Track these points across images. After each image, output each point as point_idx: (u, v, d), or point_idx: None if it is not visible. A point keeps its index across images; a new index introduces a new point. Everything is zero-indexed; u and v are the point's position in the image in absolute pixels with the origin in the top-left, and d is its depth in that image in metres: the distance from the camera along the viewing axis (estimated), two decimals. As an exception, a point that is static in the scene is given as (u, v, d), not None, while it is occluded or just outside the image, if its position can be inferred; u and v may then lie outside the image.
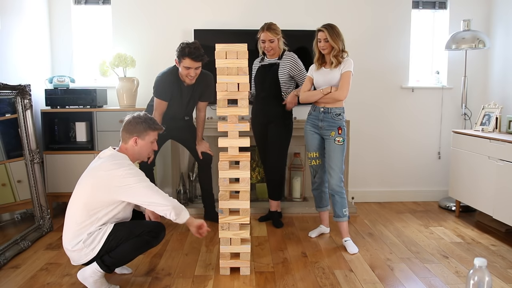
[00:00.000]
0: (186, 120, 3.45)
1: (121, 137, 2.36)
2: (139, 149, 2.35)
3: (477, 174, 3.43)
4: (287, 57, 3.30)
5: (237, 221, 2.53)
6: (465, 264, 2.74)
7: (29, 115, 3.21)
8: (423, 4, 4.16)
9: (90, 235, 2.21)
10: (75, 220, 2.21)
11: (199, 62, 3.07)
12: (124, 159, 2.28)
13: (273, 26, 3.24)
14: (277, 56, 3.32)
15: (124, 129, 2.35)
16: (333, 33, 2.88)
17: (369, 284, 2.45)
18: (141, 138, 2.34)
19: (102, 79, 4.01)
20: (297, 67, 3.30)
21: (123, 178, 2.19)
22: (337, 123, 2.95)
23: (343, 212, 2.98)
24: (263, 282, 2.47)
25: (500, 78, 3.98)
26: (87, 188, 2.22)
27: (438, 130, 4.23)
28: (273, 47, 3.26)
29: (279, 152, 3.39)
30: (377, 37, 4.09)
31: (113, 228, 2.25)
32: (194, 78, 3.14)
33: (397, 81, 4.16)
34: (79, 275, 2.27)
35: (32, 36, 3.66)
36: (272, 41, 3.23)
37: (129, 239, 2.24)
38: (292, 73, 3.29)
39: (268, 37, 3.22)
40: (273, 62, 3.32)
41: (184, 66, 3.06)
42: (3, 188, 2.98)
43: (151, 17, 3.98)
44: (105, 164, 2.23)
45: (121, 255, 2.25)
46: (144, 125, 2.34)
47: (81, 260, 2.24)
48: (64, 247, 2.26)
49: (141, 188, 2.21)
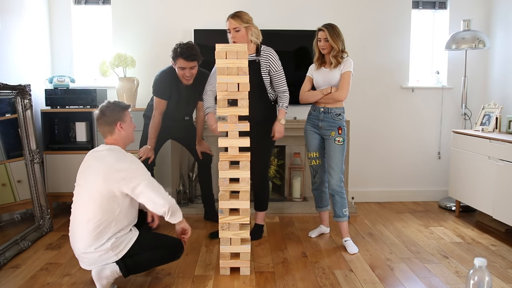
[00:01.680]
0: (186, 120, 3.45)
1: (102, 133, 2.36)
2: (126, 133, 2.36)
3: (477, 174, 3.43)
4: (267, 53, 2.91)
5: (237, 221, 2.53)
6: (465, 264, 2.74)
7: (29, 115, 3.21)
8: (423, 4, 4.16)
9: (118, 239, 2.22)
10: (87, 219, 2.18)
11: (193, 62, 3.04)
12: (121, 151, 2.30)
13: (240, 13, 2.86)
14: (253, 51, 2.92)
15: (101, 123, 2.34)
16: (333, 33, 2.88)
17: (369, 284, 2.45)
18: (122, 121, 2.34)
19: (102, 79, 4.01)
20: (276, 65, 2.93)
21: (128, 170, 2.20)
22: (337, 123, 2.95)
23: (343, 212, 2.98)
24: (263, 282, 2.47)
25: (500, 78, 3.98)
26: (97, 184, 2.19)
27: (438, 130, 4.23)
28: (238, 38, 2.82)
29: (264, 159, 3.05)
30: (377, 37, 4.09)
31: (139, 236, 2.30)
32: (190, 79, 3.13)
33: (397, 81, 4.16)
34: (94, 273, 2.22)
35: (32, 36, 3.66)
36: (237, 30, 2.82)
37: (154, 249, 2.31)
38: (271, 71, 2.93)
39: (233, 25, 2.82)
40: (250, 59, 2.85)
41: (179, 67, 3.06)
42: (3, 188, 2.98)
43: (151, 17, 3.99)
44: (108, 157, 2.24)
45: (145, 262, 2.31)
46: (118, 108, 2.35)
47: (100, 262, 2.22)
48: (81, 248, 2.21)
49: (143, 182, 2.21)
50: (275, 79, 2.95)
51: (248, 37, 2.86)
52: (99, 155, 2.27)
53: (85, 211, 2.21)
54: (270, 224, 3.48)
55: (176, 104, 3.27)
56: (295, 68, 3.83)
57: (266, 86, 2.96)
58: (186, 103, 3.32)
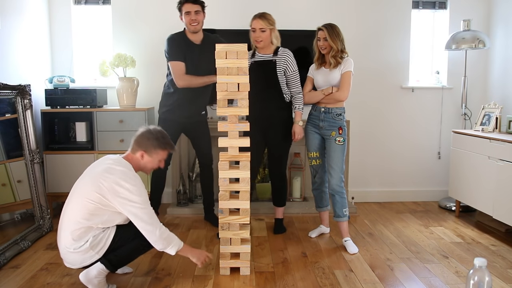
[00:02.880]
0: (201, 115, 3.37)
1: (131, 144, 2.34)
2: (144, 164, 2.34)
3: (477, 174, 3.43)
4: (284, 54, 3.04)
5: (237, 221, 2.53)
6: (465, 264, 2.74)
7: (29, 115, 3.21)
8: (423, 4, 4.16)
9: (96, 237, 2.20)
10: (74, 219, 2.18)
11: (197, 5, 3.08)
12: (130, 170, 2.26)
13: (267, 15, 2.99)
14: (271, 52, 3.05)
15: (135, 139, 2.32)
16: (333, 32, 2.88)
17: (369, 284, 2.46)
18: (148, 154, 2.31)
19: (102, 79, 4.01)
20: (292, 66, 3.05)
21: (129, 192, 2.16)
22: (338, 123, 2.95)
23: (343, 212, 2.98)
24: (263, 282, 2.47)
25: (500, 78, 3.98)
26: (89, 188, 2.18)
27: (438, 130, 4.23)
28: (263, 38, 2.97)
29: (284, 158, 3.24)
30: (377, 37, 4.09)
31: (117, 229, 2.26)
32: (198, 24, 3.10)
33: (397, 81, 4.16)
34: (82, 277, 2.24)
35: (32, 36, 3.66)
36: (263, 31, 2.95)
37: (136, 238, 2.25)
38: (287, 71, 3.05)
39: (260, 25, 2.95)
40: (268, 59, 3.03)
41: (185, 13, 3.07)
42: (3, 188, 2.98)
43: (151, 17, 3.98)
44: (113, 169, 2.20)
45: (128, 254, 2.27)
46: (155, 142, 2.30)
47: (85, 262, 2.22)
48: (63, 247, 2.23)
49: (139, 210, 2.18)
50: (290, 80, 3.07)
51: (272, 38, 3.02)
52: (109, 167, 2.22)
53: (72, 211, 2.21)
54: (270, 224, 3.48)
55: (195, 67, 3.12)
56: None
57: (282, 86, 3.06)
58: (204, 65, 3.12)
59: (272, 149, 3.18)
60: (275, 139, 3.14)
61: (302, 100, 3.08)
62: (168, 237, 2.24)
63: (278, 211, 3.35)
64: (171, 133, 2.86)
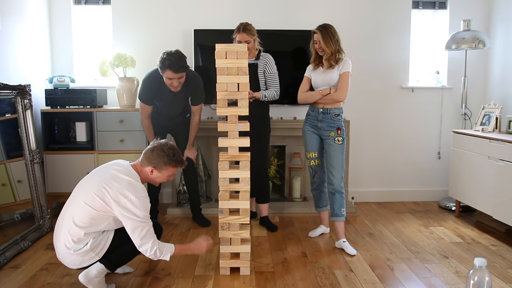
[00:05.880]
0: (185, 117, 3.43)
1: (141, 156, 2.34)
2: (153, 178, 2.34)
3: (477, 174, 3.43)
4: (265, 58, 3.29)
5: (237, 221, 2.53)
6: (465, 264, 2.74)
7: (29, 115, 3.21)
8: (423, 4, 4.16)
9: (96, 239, 2.21)
10: (75, 222, 2.18)
11: (181, 73, 3.03)
12: (138, 181, 2.26)
13: (249, 27, 3.20)
14: (254, 56, 3.29)
15: (146, 153, 2.32)
16: (326, 34, 2.87)
17: (369, 284, 2.46)
18: (158, 170, 2.31)
19: (102, 79, 4.01)
20: (271, 68, 3.29)
21: (131, 204, 2.15)
22: (336, 124, 2.95)
23: (341, 212, 2.97)
24: (263, 282, 2.47)
25: (500, 78, 3.98)
26: (93, 194, 2.17)
27: (438, 130, 4.23)
28: (250, 48, 3.16)
29: (265, 152, 3.39)
30: (377, 37, 4.09)
31: (116, 230, 2.28)
32: (179, 86, 3.11)
33: (397, 81, 4.16)
34: (82, 278, 2.24)
35: (32, 36, 3.66)
36: (248, 42, 3.16)
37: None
38: (266, 71, 3.28)
39: (245, 38, 3.17)
40: (251, 63, 3.23)
41: (166, 77, 3.05)
42: (3, 188, 2.98)
43: (151, 17, 3.99)
44: (121, 179, 2.20)
45: (127, 253, 2.29)
46: (166, 159, 2.29)
47: (84, 263, 2.23)
48: (62, 247, 2.21)
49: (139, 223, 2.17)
50: (269, 79, 3.29)
51: (255, 46, 3.27)
52: (116, 175, 2.21)
53: (76, 214, 2.19)
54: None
55: (167, 106, 3.27)
56: (293, 68, 3.84)
57: (261, 85, 3.27)
58: (176, 105, 3.29)
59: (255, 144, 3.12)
60: (252, 135, 3.07)
61: (273, 95, 3.26)
62: (158, 249, 2.22)
63: (263, 209, 3.45)
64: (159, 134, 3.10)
